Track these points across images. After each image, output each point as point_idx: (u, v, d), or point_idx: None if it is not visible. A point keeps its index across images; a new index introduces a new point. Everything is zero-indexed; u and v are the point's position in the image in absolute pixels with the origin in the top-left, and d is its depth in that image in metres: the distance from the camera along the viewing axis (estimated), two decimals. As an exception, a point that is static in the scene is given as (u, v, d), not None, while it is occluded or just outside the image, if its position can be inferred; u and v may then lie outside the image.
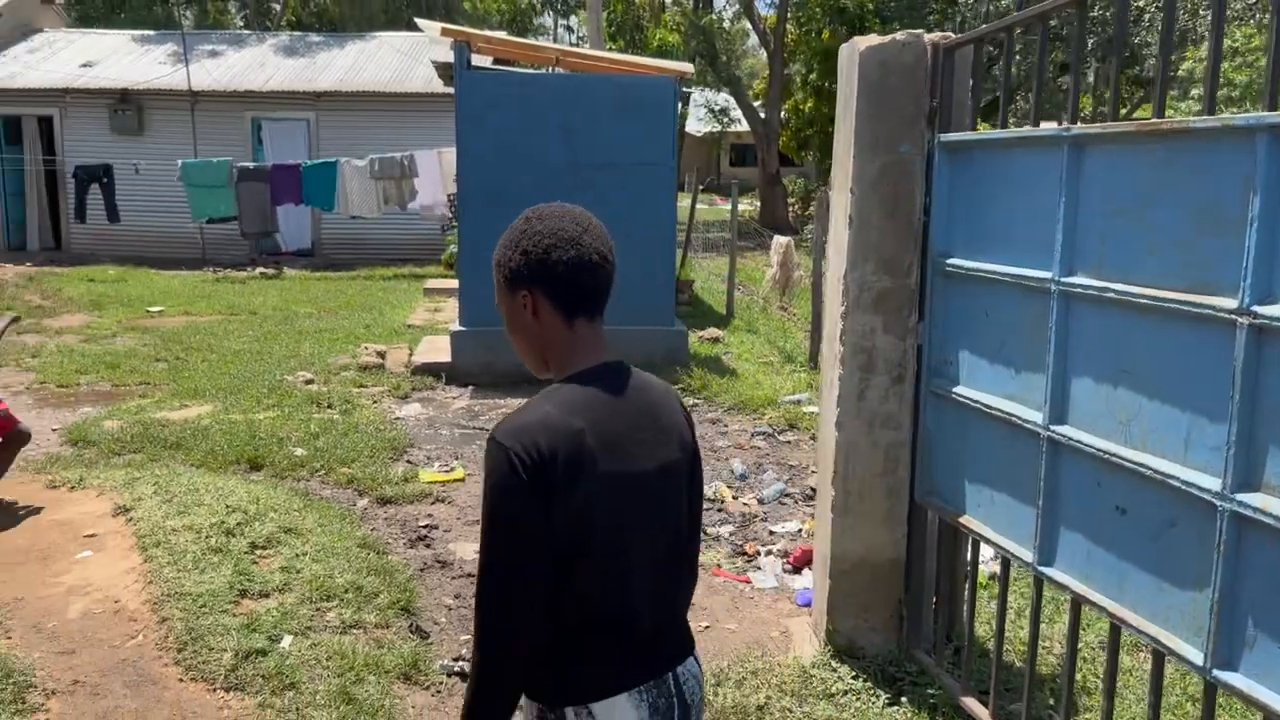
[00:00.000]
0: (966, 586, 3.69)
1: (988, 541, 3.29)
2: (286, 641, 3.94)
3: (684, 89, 11.23)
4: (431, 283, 14.97)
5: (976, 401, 3.28)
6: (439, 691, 3.85)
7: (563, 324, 1.90)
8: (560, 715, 1.77)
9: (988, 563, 4.60)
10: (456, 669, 3.99)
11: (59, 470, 6.13)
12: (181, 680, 3.69)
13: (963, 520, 3.42)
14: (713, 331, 10.99)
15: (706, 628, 4.40)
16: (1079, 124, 2.80)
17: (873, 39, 3.69)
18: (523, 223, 1.92)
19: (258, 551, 4.77)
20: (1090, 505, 2.77)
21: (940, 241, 3.52)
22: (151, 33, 22.00)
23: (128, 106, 18.08)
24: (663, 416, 1.92)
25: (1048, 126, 2.92)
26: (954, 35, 3.60)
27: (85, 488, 5.68)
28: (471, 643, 1.73)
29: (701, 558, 5.09)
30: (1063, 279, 2.80)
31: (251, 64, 19.77)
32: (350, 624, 4.19)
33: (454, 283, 14.16)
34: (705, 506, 5.81)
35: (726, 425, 7.70)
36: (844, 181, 3.79)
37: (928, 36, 3.62)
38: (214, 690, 3.64)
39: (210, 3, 33.68)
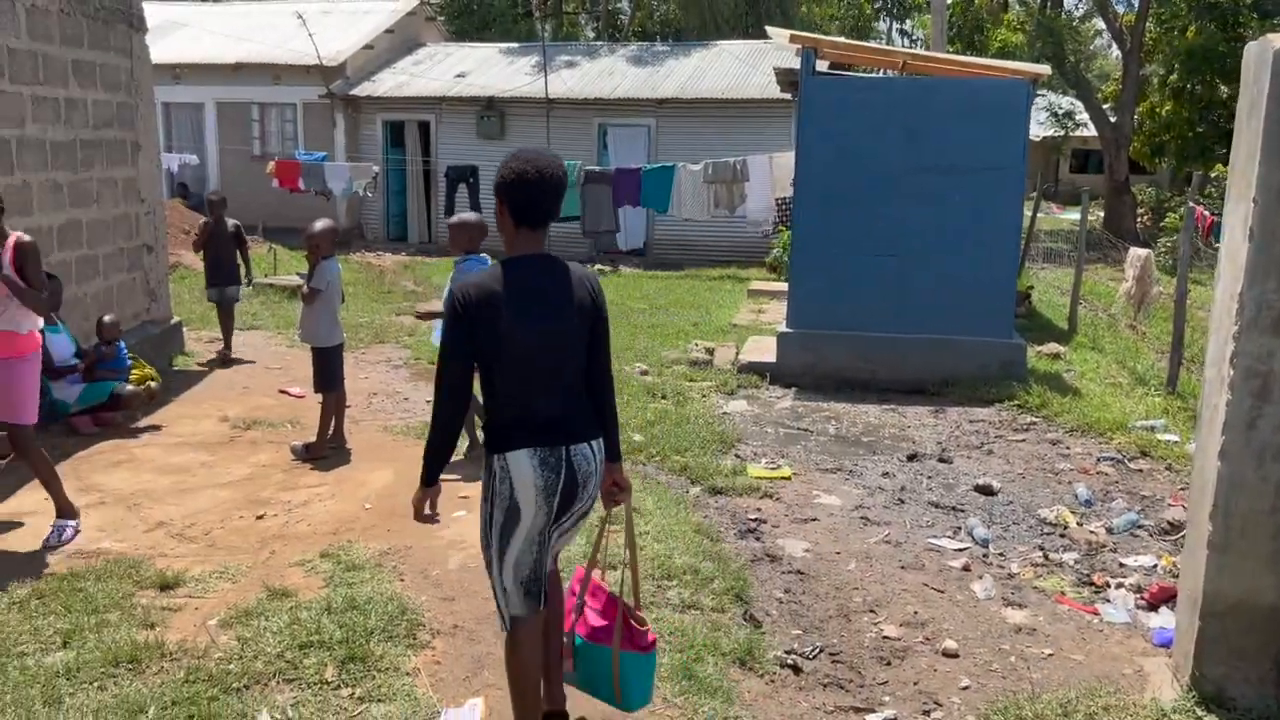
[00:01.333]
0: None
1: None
2: (633, 613, 4.20)
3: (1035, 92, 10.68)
4: (756, 284, 15.24)
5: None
6: (772, 680, 3.95)
7: (513, 226, 3.07)
8: (492, 459, 3.06)
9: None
10: (789, 661, 4.08)
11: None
12: (542, 636, 4.04)
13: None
14: (1053, 347, 10.38)
15: (1050, 655, 4.20)
16: None
17: (1291, 35, 3.36)
18: (508, 158, 3.07)
19: (607, 525, 5.10)
20: None
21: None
22: (516, 45, 23.95)
23: (492, 113, 19.83)
24: (568, 290, 3.06)
25: None
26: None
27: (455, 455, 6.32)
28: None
29: (1043, 584, 4.89)
30: None
31: (601, 73, 21.02)
32: (689, 604, 4.40)
33: (777, 285, 14.37)
34: (1047, 530, 5.66)
35: (1068, 447, 7.27)
36: (1244, 191, 3.48)
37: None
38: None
39: (565, 16, 36.13)
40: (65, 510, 5.06)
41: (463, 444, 6.15)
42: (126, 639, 3.86)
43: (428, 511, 3.22)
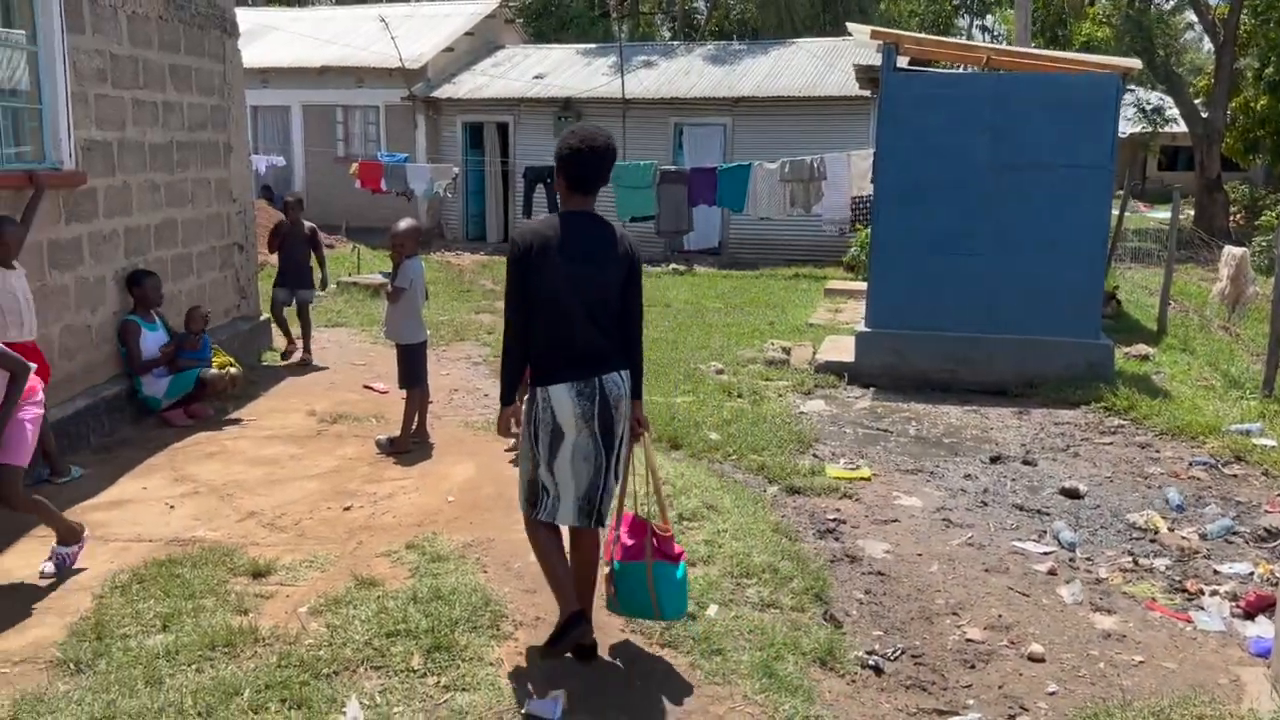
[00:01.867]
0: None
1: None
2: (713, 610, 4.22)
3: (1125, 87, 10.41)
4: (833, 283, 15.11)
5: None
6: (853, 681, 3.93)
7: (567, 190, 3.76)
8: (535, 391, 3.69)
9: None
10: (871, 662, 4.05)
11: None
12: (623, 630, 4.08)
13: None
14: (1141, 348, 10.11)
15: (1140, 662, 4.11)
16: None
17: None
18: (566, 134, 3.75)
19: (684, 523, 5.14)
20: None
21: None
22: (593, 46, 24.10)
23: (569, 114, 19.99)
24: (607, 243, 3.70)
25: None
26: None
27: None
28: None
29: (1133, 589, 4.78)
30: None
31: (678, 73, 21.04)
32: (768, 603, 4.39)
33: (855, 284, 14.24)
34: (1137, 535, 5.55)
35: (1158, 451, 7.08)
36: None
37: None
38: (651, 644, 3.99)
39: (641, 17, 36.23)
40: (65, 536, 4.64)
41: None
42: (222, 624, 3.99)
43: (513, 430, 3.90)
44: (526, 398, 3.77)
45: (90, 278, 6.85)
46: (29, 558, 4.71)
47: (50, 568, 4.57)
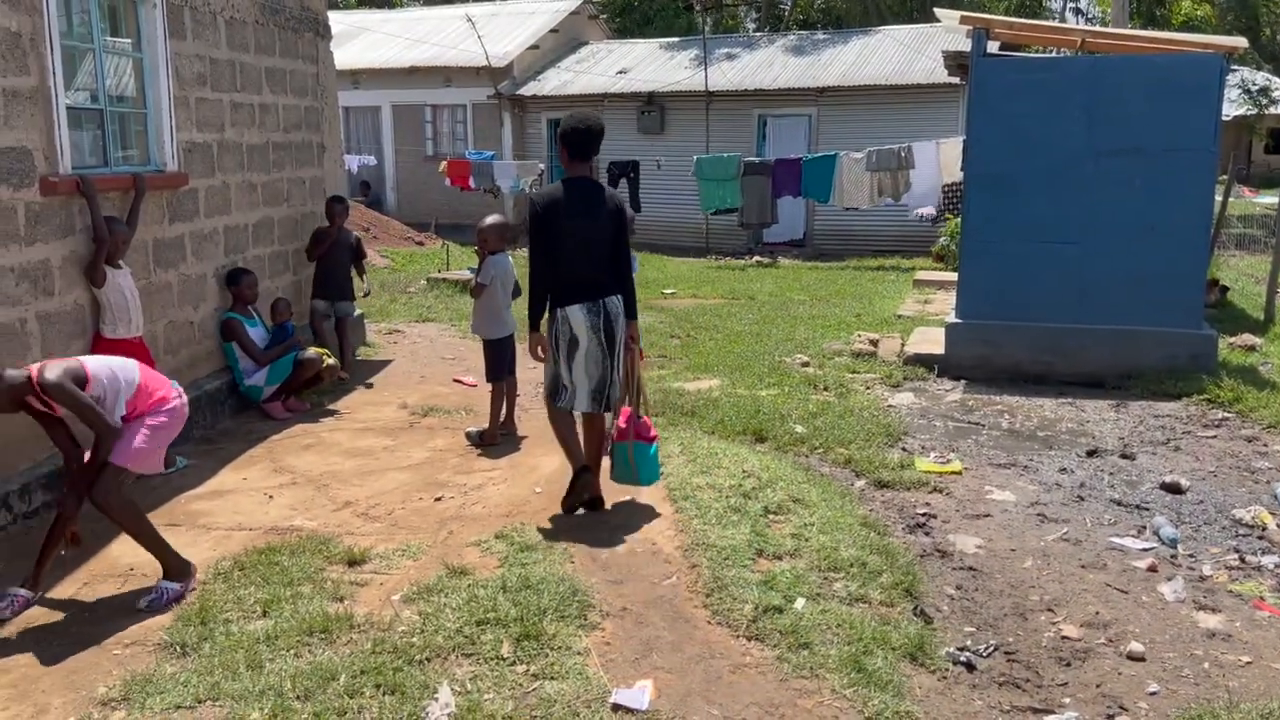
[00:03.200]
0: None
1: None
2: (800, 603, 4.19)
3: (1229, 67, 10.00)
4: (921, 274, 14.83)
5: None
6: (945, 677, 3.86)
7: (568, 159, 5.05)
8: (555, 312, 5.00)
9: None
10: (963, 658, 3.97)
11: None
12: (709, 623, 4.08)
13: None
14: (1247, 338, 9.70)
15: (1248, 663, 3.95)
16: None
17: None
18: (567, 117, 5.07)
19: (770, 516, 5.11)
20: None
21: None
22: (676, 40, 24.10)
23: (652, 108, 20.03)
24: (600, 202, 4.98)
25: None
26: None
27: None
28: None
29: (1239, 588, 4.60)
30: None
31: (761, 64, 20.90)
32: (856, 597, 4.34)
33: (944, 275, 13.96)
34: (1243, 532, 5.36)
35: (1265, 445, 6.79)
36: None
37: None
38: (737, 637, 3.98)
39: (725, 10, 36.07)
40: (173, 571, 4.43)
41: None
42: (319, 610, 4.10)
43: (540, 354, 5.12)
44: (548, 319, 5.03)
45: (192, 275, 7.10)
46: (137, 545, 4.91)
47: (145, 603, 4.26)
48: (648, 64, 21.96)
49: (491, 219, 6.75)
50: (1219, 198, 12.86)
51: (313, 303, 8.60)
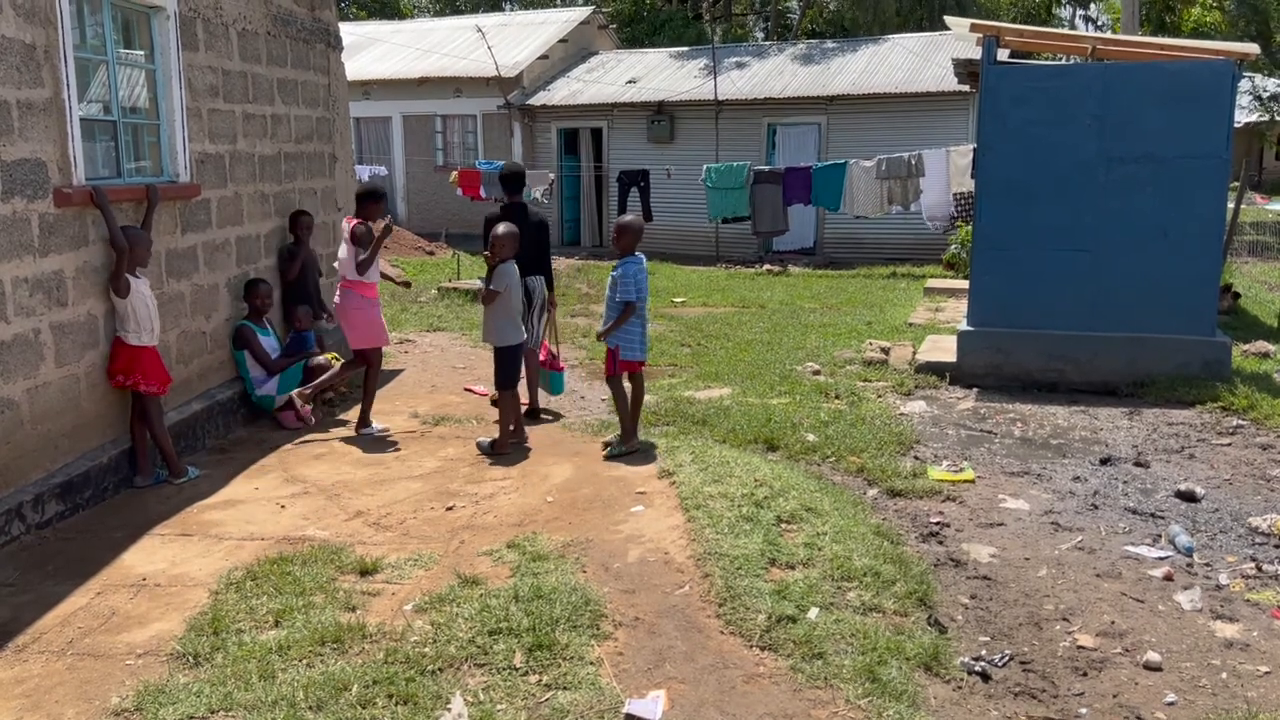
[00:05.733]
0: None
1: None
2: (814, 613, 4.17)
3: (1241, 74, 9.97)
4: (933, 282, 14.80)
5: None
6: (959, 687, 3.84)
7: (507, 193, 7.58)
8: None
9: None
10: (978, 668, 3.95)
11: (610, 433, 6.99)
12: (722, 632, 4.06)
13: None
14: (1261, 345, 9.65)
15: (1266, 673, 3.92)
16: None
17: None
18: (504, 165, 8.01)
19: (782, 525, 5.09)
20: None
21: None
22: (685, 49, 24.13)
23: (662, 117, 20.04)
24: (528, 217, 7.33)
25: None
26: None
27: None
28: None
29: (1256, 596, 4.57)
30: None
31: (771, 73, 20.91)
32: (870, 606, 4.32)
33: (956, 283, 13.92)
34: (1260, 540, 5.32)
35: (1281, 452, 6.75)
36: None
37: None
38: (750, 647, 3.96)
39: (734, 19, 36.12)
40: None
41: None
42: (331, 620, 4.10)
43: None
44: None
45: (205, 285, 7.13)
46: (149, 555, 4.93)
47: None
48: (657, 73, 21.99)
49: (504, 227, 6.76)
50: (1231, 204, 12.82)
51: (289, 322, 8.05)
